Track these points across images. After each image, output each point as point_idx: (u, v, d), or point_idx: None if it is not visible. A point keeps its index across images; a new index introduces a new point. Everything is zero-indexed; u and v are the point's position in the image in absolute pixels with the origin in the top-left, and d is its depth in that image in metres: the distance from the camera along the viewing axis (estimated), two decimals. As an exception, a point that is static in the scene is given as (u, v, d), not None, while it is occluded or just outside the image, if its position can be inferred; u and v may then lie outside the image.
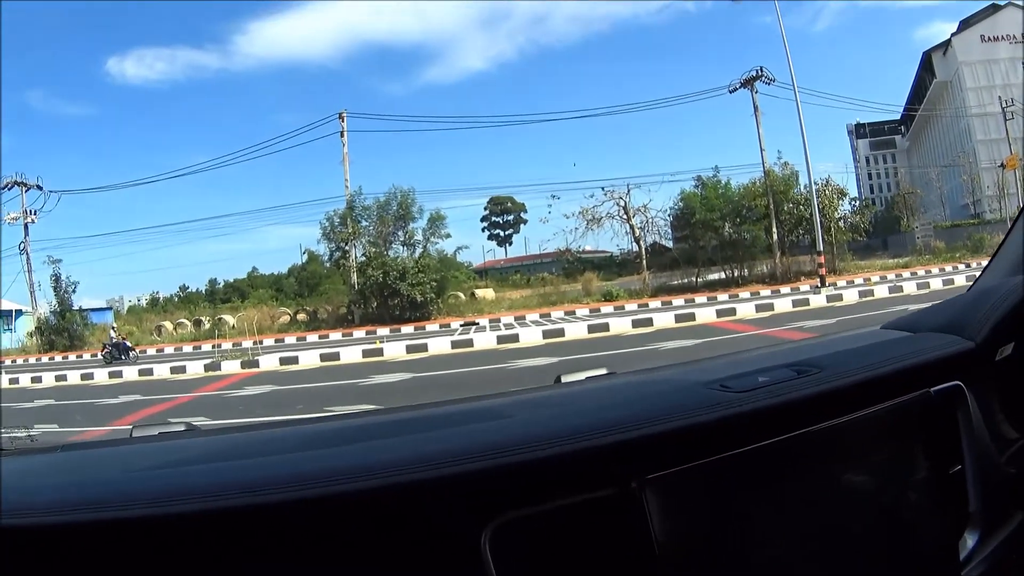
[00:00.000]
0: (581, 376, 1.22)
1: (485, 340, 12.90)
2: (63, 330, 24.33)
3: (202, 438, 1.11)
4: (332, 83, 49.79)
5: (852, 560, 0.86)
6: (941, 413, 0.95)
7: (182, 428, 1.10)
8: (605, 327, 12.87)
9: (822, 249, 21.09)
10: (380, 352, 12.75)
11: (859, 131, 61.96)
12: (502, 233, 46.72)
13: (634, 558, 0.75)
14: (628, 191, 24.50)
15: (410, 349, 12.60)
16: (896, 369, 0.95)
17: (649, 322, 12.94)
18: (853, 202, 28.28)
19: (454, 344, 12.72)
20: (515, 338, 12.84)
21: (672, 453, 0.78)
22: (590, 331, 12.60)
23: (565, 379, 1.22)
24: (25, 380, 14.43)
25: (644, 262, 24.23)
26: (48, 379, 14.19)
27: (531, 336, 12.71)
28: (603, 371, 1.24)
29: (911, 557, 0.90)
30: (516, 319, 20.20)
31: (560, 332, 12.72)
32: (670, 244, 26.25)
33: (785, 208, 24.71)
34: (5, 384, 14.33)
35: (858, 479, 0.89)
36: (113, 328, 21.21)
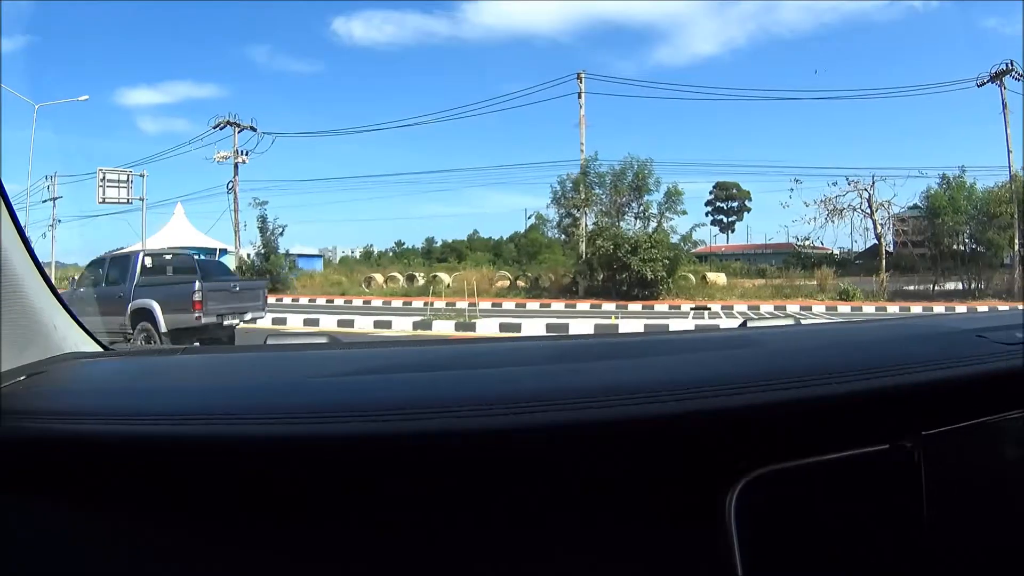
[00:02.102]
0: (767, 323, 1.20)
1: (729, 325, 11.41)
2: (266, 272, 24.39)
3: (344, 351, 1.07)
4: (562, 56, 48.15)
5: None
6: None
7: (323, 340, 1.08)
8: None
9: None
10: (615, 329, 11.17)
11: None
12: (725, 219, 44.45)
13: (900, 529, 0.63)
14: (873, 183, 22.55)
15: (649, 329, 10.97)
16: None
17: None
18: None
19: (698, 328, 11.18)
20: (765, 328, 11.10)
21: (950, 407, 0.67)
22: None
23: (751, 325, 1.20)
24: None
25: (883, 262, 22.29)
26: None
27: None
28: (789, 320, 1.22)
29: None
30: (750, 308, 18.77)
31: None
32: (891, 245, 24.24)
33: (1031, 218, 22.44)
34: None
35: None
36: None
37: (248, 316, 9.60)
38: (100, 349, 1.02)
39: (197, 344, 7.43)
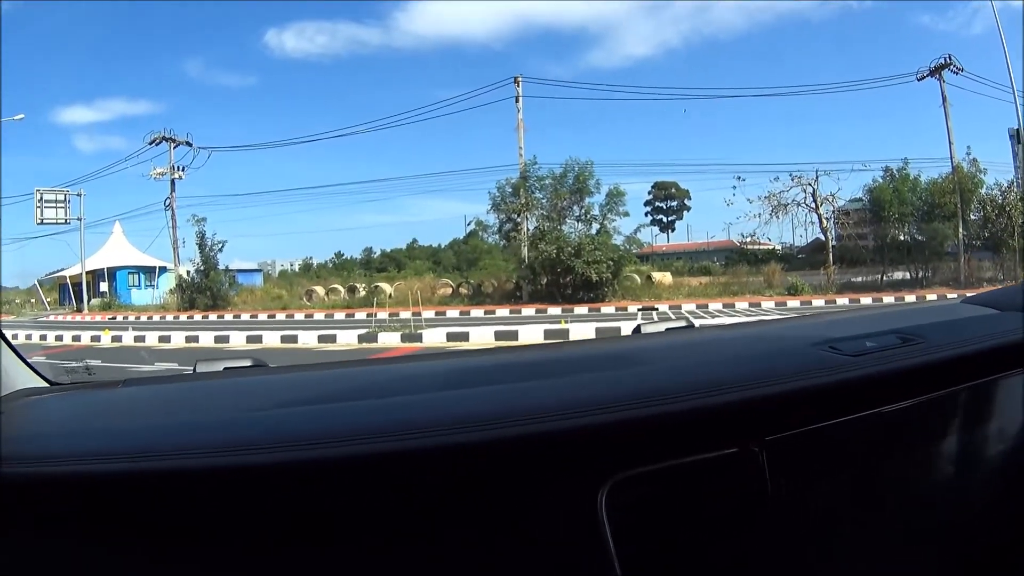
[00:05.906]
0: (661, 327, 1.27)
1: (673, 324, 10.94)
2: (206, 289, 23.68)
3: (270, 376, 1.12)
4: (494, 62, 47.81)
5: (957, 538, 0.85)
6: None
7: (248, 364, 1.09)
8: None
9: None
10: (566, 334, 10.95)
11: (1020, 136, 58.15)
12: (665, 219, 44.34)
13: (750, 522, 0.74)
14: (816, 177, 22.48)
15: (600, 333, 10.66)
16: (996, 345, 0.92)
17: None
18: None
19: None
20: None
21: (791, 415, 0.77)
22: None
23: (645, 330, 1.28)
24: (152, 339, 13.24)
25: (830, 256, 22.21)
26: (178, 339, 12.85)
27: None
28: (682, 323, 1.30)
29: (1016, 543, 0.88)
30: (699, 307, 18.49)
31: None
32: (835, 238, 24.24)
33: (972, 208, 22.63)
34: (129, 342, 13.16)
35: (960, 456, 0.88)
36: None
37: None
38: (46, 384, 1.07)
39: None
